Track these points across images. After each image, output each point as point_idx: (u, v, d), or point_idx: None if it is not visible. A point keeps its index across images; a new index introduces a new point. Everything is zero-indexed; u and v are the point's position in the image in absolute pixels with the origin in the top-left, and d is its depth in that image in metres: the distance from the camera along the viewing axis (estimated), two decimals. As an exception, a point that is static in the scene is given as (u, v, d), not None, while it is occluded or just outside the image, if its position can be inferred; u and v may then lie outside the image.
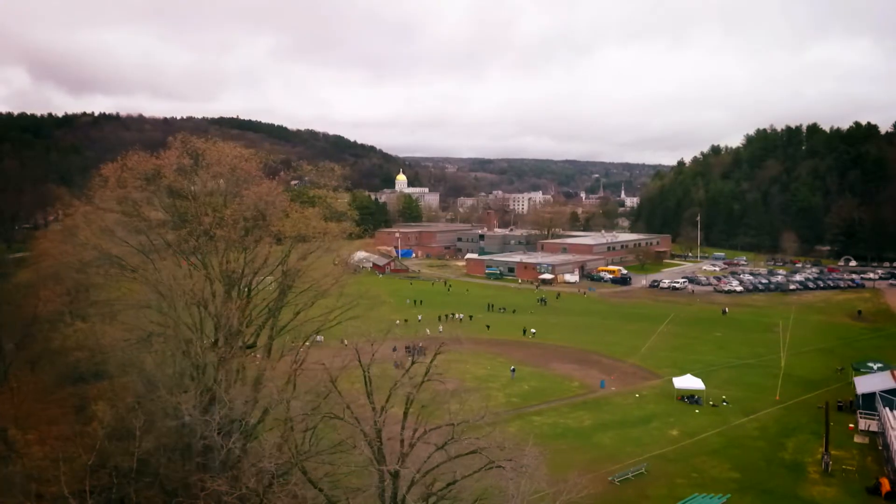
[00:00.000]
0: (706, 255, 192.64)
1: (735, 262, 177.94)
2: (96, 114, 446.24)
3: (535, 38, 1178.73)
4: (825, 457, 52.24)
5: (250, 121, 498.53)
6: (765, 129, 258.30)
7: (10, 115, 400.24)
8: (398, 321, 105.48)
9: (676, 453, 55.59)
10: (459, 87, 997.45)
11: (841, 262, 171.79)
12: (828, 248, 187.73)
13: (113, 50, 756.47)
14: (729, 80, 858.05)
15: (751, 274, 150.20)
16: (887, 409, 58.16)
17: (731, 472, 51.83)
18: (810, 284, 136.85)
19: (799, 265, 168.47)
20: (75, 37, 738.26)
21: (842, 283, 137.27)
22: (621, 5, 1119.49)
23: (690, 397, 68.15)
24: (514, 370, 77.11)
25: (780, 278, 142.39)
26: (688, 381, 69.20)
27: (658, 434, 59.96)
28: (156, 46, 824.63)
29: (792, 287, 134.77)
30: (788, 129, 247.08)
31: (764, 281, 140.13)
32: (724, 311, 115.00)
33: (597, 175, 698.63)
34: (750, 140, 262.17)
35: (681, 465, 53.11)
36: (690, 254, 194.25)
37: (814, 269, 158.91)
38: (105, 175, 28.39)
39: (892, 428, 54.04)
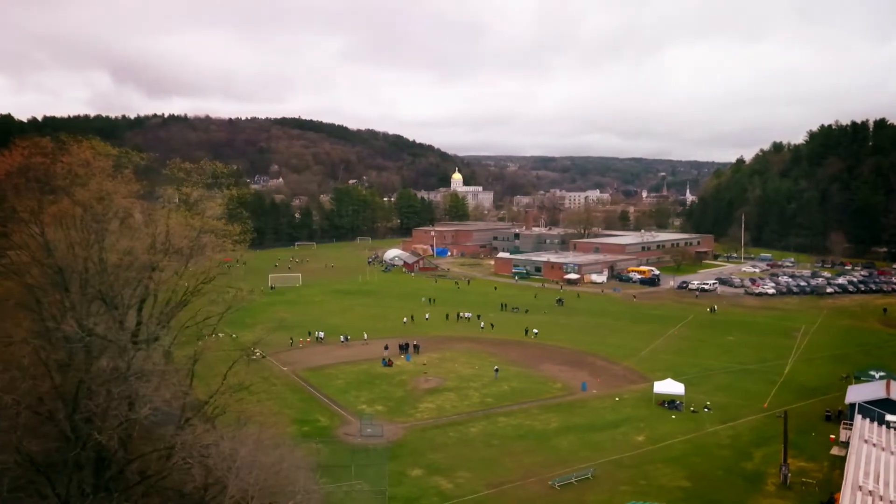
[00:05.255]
0: (752, 255, 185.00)
1: (780, 263, 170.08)
2: (166, 115, 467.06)
3: (603, 35, 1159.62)
4: (783, 468, 49.68)
5: (311, 121, 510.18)
6: (829, 126, 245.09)
7: (86, 116, 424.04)
8: (405, 319, 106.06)
9: (633, 459, 53.94)
10: (524, 85, 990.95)
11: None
12: (885, 249, 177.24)
13: (189, 53, 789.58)
14: (806, 75, 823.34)
15: (790, 276, 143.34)
16: (867, 419, 54.80)
17: (682, 481, 49.92)
18: (850, 288, 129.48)
19: (848, 267, 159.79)
20: (154, 41, 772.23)
21: (885, 287, 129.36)
22: (691, 1, 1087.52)
23: (671, 402, 65.88)
24: (497, 370, 76.21)
25: (820, 281, 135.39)
26: (668, 386, 66.91)
27: (622, 439, 58.27)
28: (229, 50, 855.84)
29: (829, 290, 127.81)
30: (854, 124, 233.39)
31: (802, 283, 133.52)
32: (711, 310, 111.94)
33: (663, 173, 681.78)
34: (812, 136, 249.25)
35: (632, 472, 51.51)
36: (735, 254, 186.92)
37: (863, 272, 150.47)
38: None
39: (862, 440, 50.86)
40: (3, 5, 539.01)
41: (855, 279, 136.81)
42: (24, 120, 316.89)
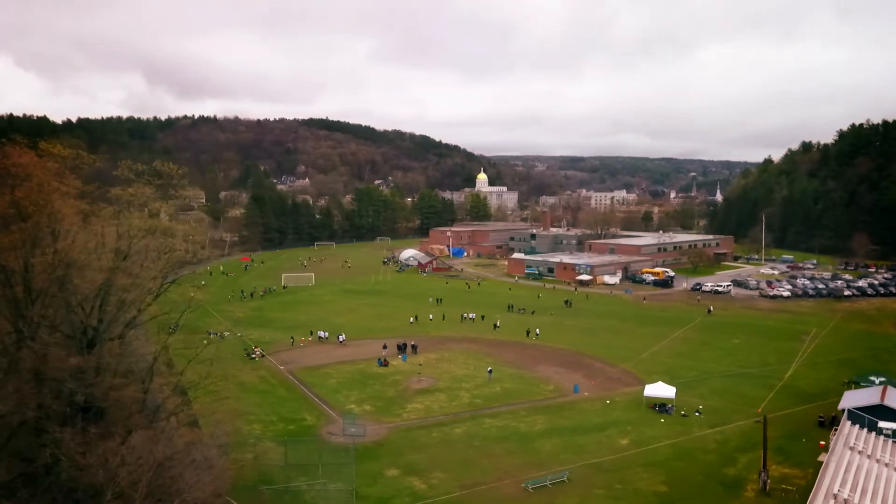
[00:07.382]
0: (773, 257, 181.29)
1: (802, 265, 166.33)
2: (196, 116, 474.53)
3: (634, 35, 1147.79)
4: (762, 474, 48.65)
5: (338, 122, 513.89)
6: (860, 125, 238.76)
7: (119, 118, 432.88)
8: (411, 319, 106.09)
9: (614, 463, 53.26)
10: (554, 85, 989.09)
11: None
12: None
13: (220, 55, 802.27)
14: (844, 73, 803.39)
15: (809, 278, 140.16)
16: (857, 426, 53.38)
17: (659, 486, 49.15)
18: (869, 291, 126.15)
19: (872, 269, 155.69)
20: (186, 43, 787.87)
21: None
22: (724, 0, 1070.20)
23: (661, 406, 64.95)
24: (490, 371, 75.92)
25: (838, 283, 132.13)
26: (659, 389, 65.97)
27: (606, 442, 57.58)
28: (259, 52, 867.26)
29: (847, 293, 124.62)
30: (885, 123, 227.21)
31: (820, 286, 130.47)
32: (708, 311, 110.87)
33: (693, 173, 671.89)
34: (842, 136, 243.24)
35: (610, 476, 50.86)
36: (756, 256, 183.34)
37: (886, 274, 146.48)
38: None
39: (847, 446, 49.52)
40: (42, 11, 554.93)
41: (876, 282, 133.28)
42: (59, 122, 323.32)
